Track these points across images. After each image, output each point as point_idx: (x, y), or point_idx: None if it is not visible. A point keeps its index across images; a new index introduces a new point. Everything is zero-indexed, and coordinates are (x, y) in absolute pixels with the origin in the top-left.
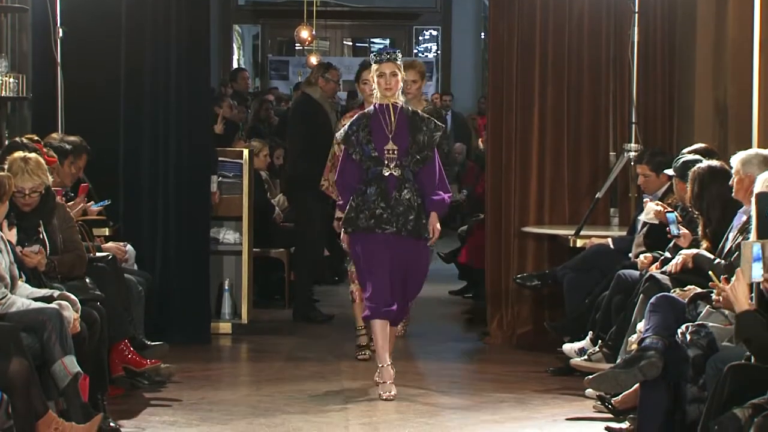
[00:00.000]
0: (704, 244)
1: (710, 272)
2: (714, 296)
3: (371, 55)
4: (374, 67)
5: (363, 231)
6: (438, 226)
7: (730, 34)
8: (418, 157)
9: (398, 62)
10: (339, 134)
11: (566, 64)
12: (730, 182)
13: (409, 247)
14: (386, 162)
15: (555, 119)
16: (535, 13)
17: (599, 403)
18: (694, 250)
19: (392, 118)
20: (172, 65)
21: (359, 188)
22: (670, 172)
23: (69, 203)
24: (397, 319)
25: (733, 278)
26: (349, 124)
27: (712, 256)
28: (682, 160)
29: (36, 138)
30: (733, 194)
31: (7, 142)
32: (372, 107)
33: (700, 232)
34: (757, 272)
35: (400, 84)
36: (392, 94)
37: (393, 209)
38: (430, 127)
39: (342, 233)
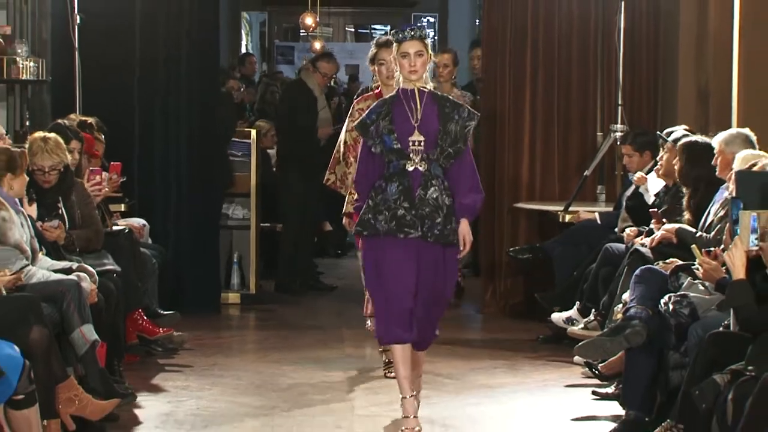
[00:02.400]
0: (686, 215)
1: (693, 246)
2: (697, 269)
3: (392, 32)
4: (395, 46)
5: (382, 236)
6: (470, 235)
7: (712, 22)
8: (450, 150)
9: (426, 40)
10: (354, 123)
11: (556, 49)
12: (713, 161)
13: (436, 255)
14: (410, 155)
15: (545, 101)
16: (526, 1)
17: (587, 369)
18: (676, 225)
19: (418, 105)
20: (183, 50)
21: (378, 185)
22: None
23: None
24: (423, 343)
25: (731, 245)
26: (367, 112)
27: (693, 230)
28: (677, 134)
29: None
30: (717, 172)
31: (27, 123)
32: (395, 92)
33: (684, 204)
34: (752, 241)
35: (427, 65)
36: (418, 77)
37: (417, 210)
38: (463, 115)
39: (355, 235)
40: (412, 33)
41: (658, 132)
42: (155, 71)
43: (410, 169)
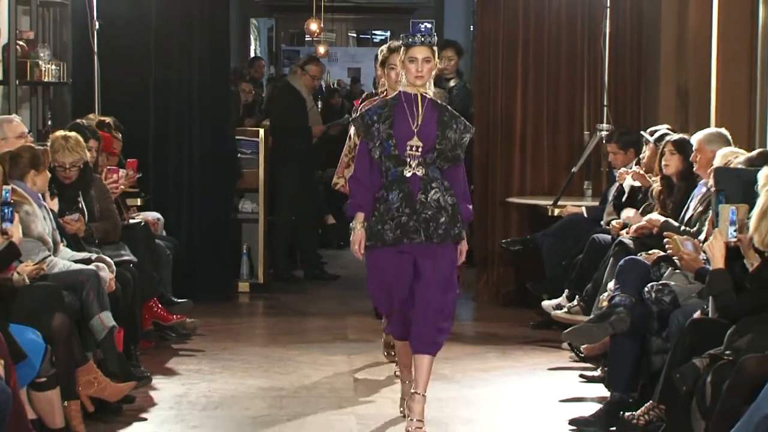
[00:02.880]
0: (657, 209)
1: (675, 238)
2: (673, 247)
3: (402, 36)
4: (404, 50)
5: (390, 245)
6: (465, 245)
7: (691, 26)
8: (449, 154)
9: (434, 48)
10: (352, 118)
11: (545, 52)
12: (692, 157)
13: (443, 255)
14: (408, 160)
15: (535, 102)
16: (517, 7)
17: (573, 352)
18: (661, 217)
19: (420, 110)
20: (195, 54)
21: (380, 195)
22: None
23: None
24: (424, 345)
25: (711, 237)
26: (367, 110)
27: (676, 224)
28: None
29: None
30: (695, 168)
31: (49, 122)
32: (396, 95)
33: (660, 198)
34: (731, 233)
35: (433, 72)
36: (423, 82)
37: (420, 215)
38: (460, 127)
39: (359, 243)
40: (423, 39)
41: (641, 132)
42: (169, 74)
43: (408, 174)
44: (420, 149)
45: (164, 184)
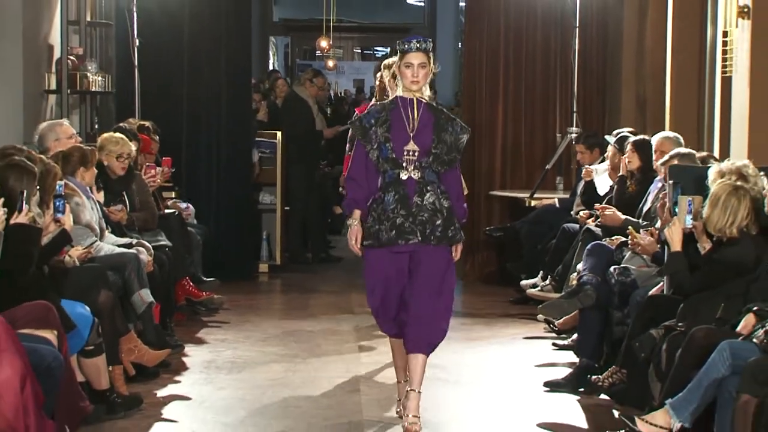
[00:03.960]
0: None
1: (630, 229)
2: (635, 241)
3: (398, 42)
4: (399, 55)
5: (385, 245)
6: (460, 244)
7: (648, 44)
8: (446, 158)
9: (430, 53)
10: (350, 121)
11: (523, 66)
12: (655, 158)
13: (439, 256)
14: (404, 164)
15: (515, 109)
16: (499, 29)
17: (546, 324)
18: (623, 216)
19: (415, 114)
20: (222, 66)
21: (377, 196)
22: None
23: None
24: (419, 343)
25: (670, 224)
26: (365, 114)
27: (634, 219)
28: (620, 136)
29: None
30: (654, 166)
31: (96, 126)
32: (393, 99)
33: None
34: (688, 221)
35: (429, 77)
36: (418, 87)
37: (416, 217)
38: (456, 129)
39: (355, 237)
40: (418, 45)
41: (605, 136)
42: (199, 85)
43: (404, 177)
44: (416, 153)
45: (194, 179)
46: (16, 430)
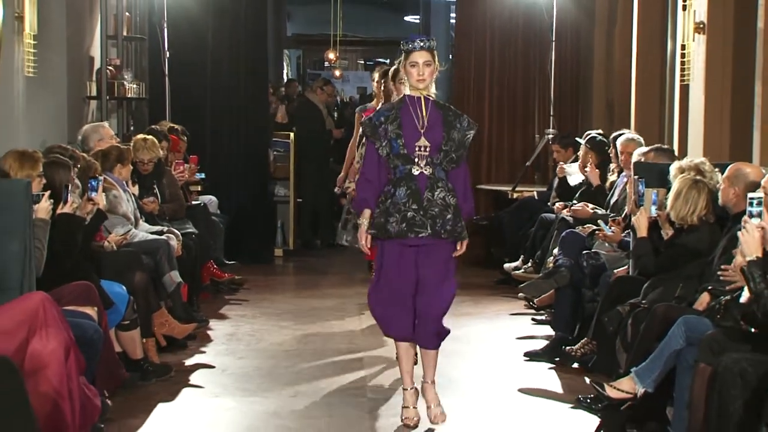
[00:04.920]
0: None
1: (599, 221)
2: (603, 234)
3: (402, 42)
4: (404, 55)
5: (394, 237)
6: (465, 238)
7: (617, 55)
8: (454, 155)
9: (434, 51)
10: (361, 121)
11: (506, 75)
12: (622, 158)
13: (446, 250)
14: (416, 160)
15: (498, 112)
16: (485, 42)
17: (526, 302)
18: (591, 210)
19: (424, 112)
20: (241, 77)
21: (387, 190)
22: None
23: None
24: (429, 339)
25: (638, 213)
26: (375, 113)
27: (601, 211)
28: (590, 136)
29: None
30: (621, 164)
31: (131, 128)
32: (401, 98)
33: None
34: (653, 210)
35: (435, 75)
36: (425, 85)
37: (426, 211)
38: (464, 124)
39: (365, 237)
40: (422, 44)
41: (576, 138)
42: (221, 92)
43: (416, 173)
44: (428, 149)
45: (217, 174)
46: (60, 394)
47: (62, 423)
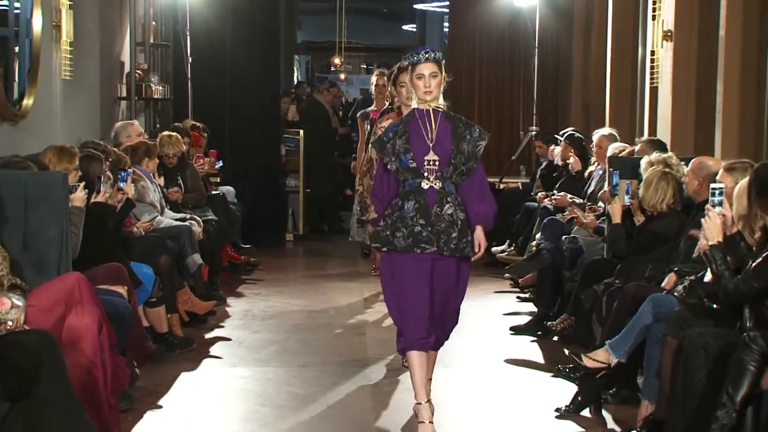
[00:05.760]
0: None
1: (575, 209)
2: (580, 220)
3: (407, 56)
4: (410, 68)
5: (400, 251)
6: (484, 240)
7: (593, 61)
8: (463, 168)
9: (440, 62)
10: (372, 140)
11: (494, 78)
12: (595, 152)
13: (451, 267)
14: (425, 174)
15: (487, 110)
16: (475, 48)
17: (511, 281)
18: (570, 199)
19: (433, 125)
20: (256, 79)
21: (395, 203)
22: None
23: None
24: (438, 344)
25: (613, 201)
26: (385, 129)
27: (579, 200)
28: (568, 133)
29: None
30: (595, 158)
31: (157, 125)
32: (410, 112)
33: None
34: (626, 199)
35: (442, 86)
36: (432, 97)
37: (433, 226)
38: (474, 135)
39: (374, 249)
40: (427, 56)
41: (555, 135)
42: (238, 93)
43: (425, 187)
44: (437, 163)
45: (235, 167)
46: (95, 364)
47: (96, 389)
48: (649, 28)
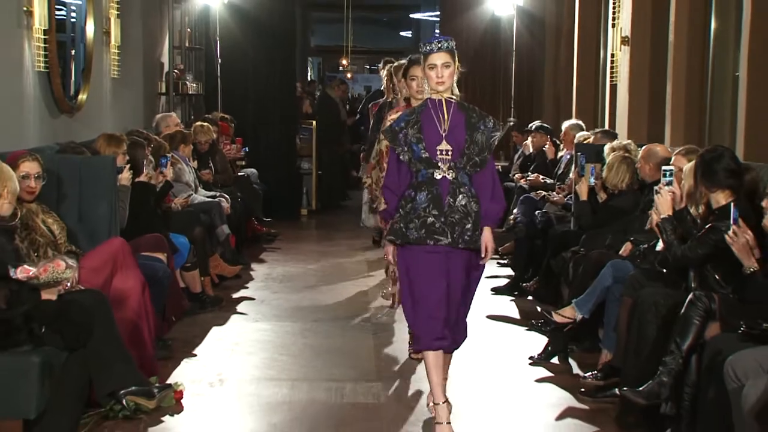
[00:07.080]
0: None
1: (549, 191)
2: (549, 201)
3: (419, 44)
4: (423, 58)
5: (413, 243)
6: (492, 243)
7: (562, 61)
8: (477, 159)
9: (453, 52)
10: (383, 129)
11: (478, 77)
12: (562, 139)
13: (466, 260)
14: (438, 164)
15: (472, 104)
16: (462, 51)
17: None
18: (542, 180)
19: (446, 115)
20: (276, 78)
21: (408, 194)
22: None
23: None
24: (454, 345)
25: (580, 182)
26: (396, 119)
27: (551, 181)
28: (539, 125)
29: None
30: (562, 144)
31: (191, 117)
32: (423, 102)
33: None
34: (592, 180)
35: (454, 76)
36: (445, 87)
37: (447, 217)
38: (488, 126)
39: (386, 244)
40: (439, 45)
41: (530, 125)
42: (260, 90)
43: (438, 177)
44: (450, 153)
45: (257, 152)
46: (140, 316)
47: (141, 339)
48: (609, 34)
